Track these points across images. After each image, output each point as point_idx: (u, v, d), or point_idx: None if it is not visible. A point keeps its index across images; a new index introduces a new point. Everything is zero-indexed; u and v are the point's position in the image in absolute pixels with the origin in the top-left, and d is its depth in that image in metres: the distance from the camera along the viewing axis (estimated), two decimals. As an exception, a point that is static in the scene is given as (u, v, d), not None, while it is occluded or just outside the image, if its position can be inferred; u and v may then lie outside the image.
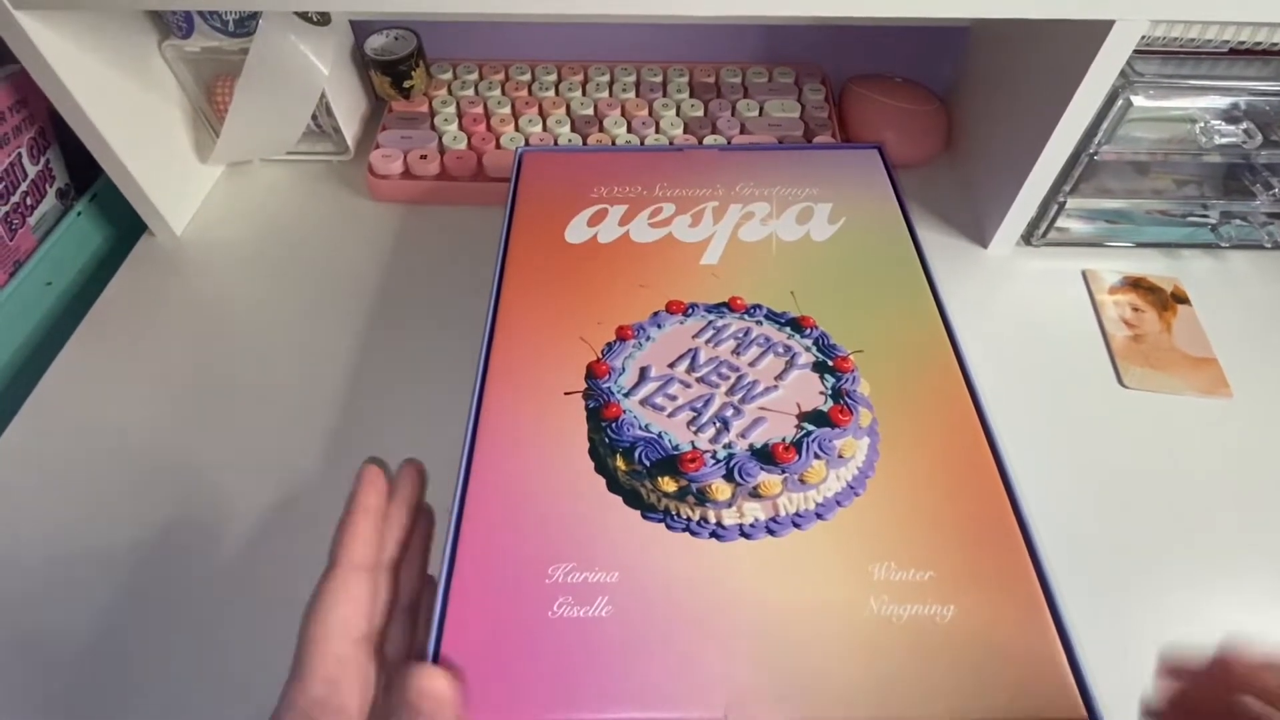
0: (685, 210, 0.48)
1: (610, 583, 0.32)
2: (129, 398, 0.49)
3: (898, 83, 0.66)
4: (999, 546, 0.33)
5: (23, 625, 0.40)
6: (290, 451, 0.46)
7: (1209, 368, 0.50)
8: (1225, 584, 0.42)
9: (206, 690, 0.38)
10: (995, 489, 0.35)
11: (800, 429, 0.37)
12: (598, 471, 0.36)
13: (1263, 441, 0.47)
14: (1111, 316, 0.53)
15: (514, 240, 0.47)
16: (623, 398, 0.38)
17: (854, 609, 0.32)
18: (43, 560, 0.42)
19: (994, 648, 0.30)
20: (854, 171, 0.51)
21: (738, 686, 0.30)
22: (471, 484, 0.36)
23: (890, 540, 0.34)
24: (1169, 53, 0.49)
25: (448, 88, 0.67)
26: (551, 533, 0.34)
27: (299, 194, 0.63)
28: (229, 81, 0.58)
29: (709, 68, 0.69)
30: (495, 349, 0.41)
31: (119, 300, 0.55)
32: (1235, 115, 0.50)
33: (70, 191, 0.59)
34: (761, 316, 0.42)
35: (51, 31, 0.45)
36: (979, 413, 0.38)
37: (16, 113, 0.52)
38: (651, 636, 0.31)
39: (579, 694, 0.30)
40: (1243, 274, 0.57)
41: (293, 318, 0.54)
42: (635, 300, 0.43)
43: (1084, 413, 0.49)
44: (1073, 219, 0.57)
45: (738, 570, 0.33)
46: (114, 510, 0.44)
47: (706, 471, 0.35)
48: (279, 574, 0.41)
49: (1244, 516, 0.44)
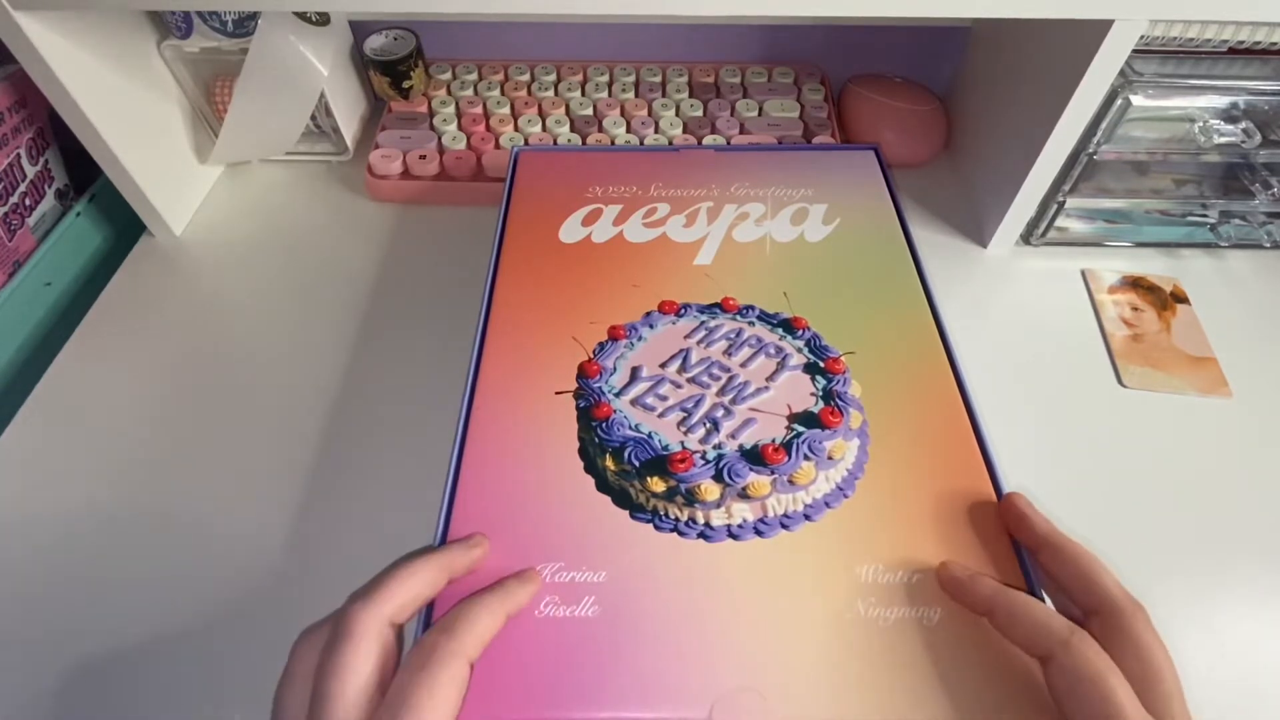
0: (680, 210, 0.48)
1: (597, 582, 0.32)
2: (128, 398, 0.49)
3: (897, 83, 0.66)
4: (988, 548, 0.33)
5: (22, 625, 0.40)
6: (289, 450, 0.46)
7: (1208, 367, 0.50)
8: (1224, 584, 0.41)
9: (206, 690, 0.38)
10: (985, 491, 0.35)
11: (790, 430, 0.37)
12: (587, 471, 0.36)
13: (1262, 441, 0.47)
14: (1111, 316, 0.53)
15: (508, 239, 0.47)
16: (613, 397, 0.38)
17: (841, 611, 0.32)
18: (42, 560, 0.42)
19: (981, 650, 0.30)
20: (850, 172, 0.51)
21: (723, 687, 0.30)
22: (461, 482, 0.36)
23: (878, 542, 0.33)
24: (1168, 52, 0.48)
25: (447, 88, 0.67)
26: (540, 532, 0.34)
27: (298, 194, 0.63)
28: (228, 82, 0.58)
29: (708, 68, 0.69)
30: (487, 347, 0.41)
31: (118, 300, 0.55)
32: (1234, 115, 0.49)
33: (69, 192, 0.59)
34: (754, 317, 0.42)
35: (50, 31, 0.45)
36: (970, 415, 0.38)
37: (15, 113, 0.53)
38: (638, 636, 0.31)
39: (565, 693, 0.30)
40: (1242, 273, 0.56)
41: (292, 317, 0.54)
42: (628, 300, 0.43)
43: (1083, 412, 0.48)
44: (1072, 218, 0.57)
45: (725, 571, 0.33)
46: (114, 510, 0.44)
47: (696, 472, 0.35)
48: (279, 573, 0.41)
49: (1243, 516, 0.44)
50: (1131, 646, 0.27)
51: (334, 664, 0.26)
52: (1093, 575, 0.29)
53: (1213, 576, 0.42)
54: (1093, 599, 0.29)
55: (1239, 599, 0.41)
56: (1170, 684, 0.26)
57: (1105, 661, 0.26)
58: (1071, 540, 0.31)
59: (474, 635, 0.28)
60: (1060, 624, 0.27)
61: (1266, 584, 0.41)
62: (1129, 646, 0.27)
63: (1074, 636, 0.27)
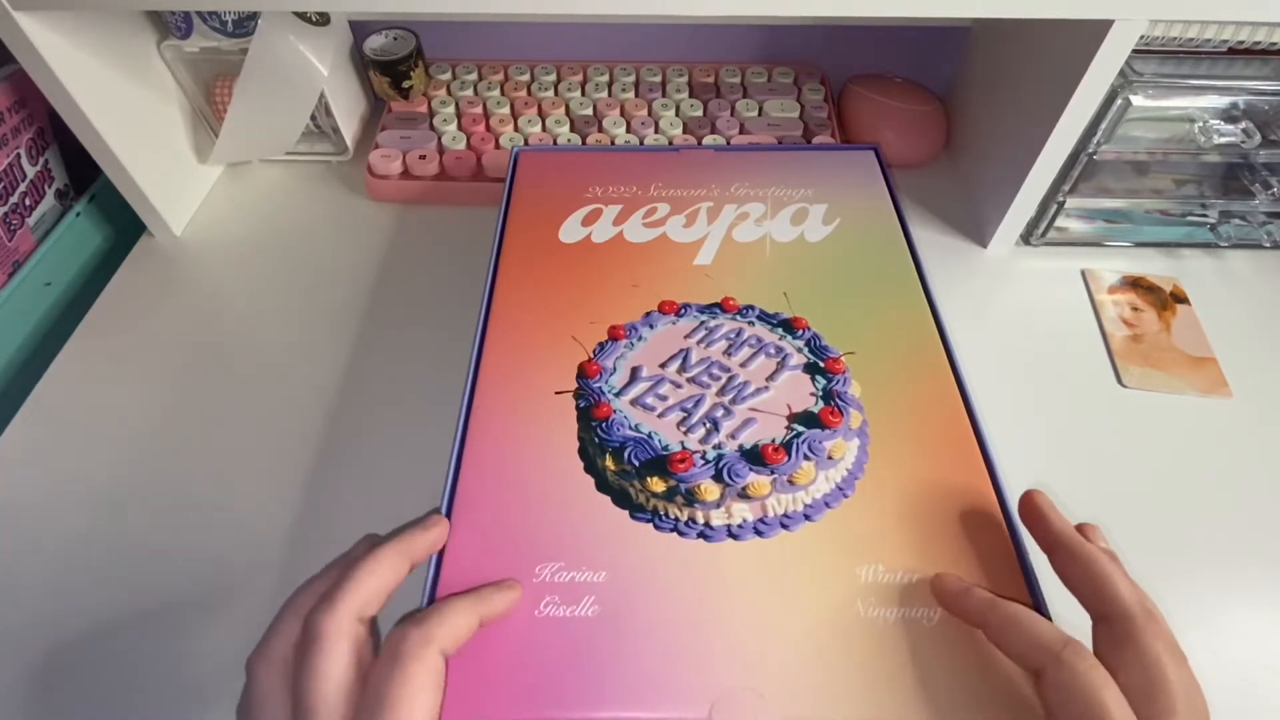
0: (680, 210, 0.48)
1: (597, 582, 0.32)
2: (128, 398, 0.49)
3: (897, 83, 0.66)
4: (988, 548, 0.33)
5: (21, 625, 0.40)
6: (289, 449, 0.46)
7: (1208, 367, 0.50)
8: (1224, 584, 0.41)
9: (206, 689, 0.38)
10: (985, 491, 0.35)
11: (790, 430, 0.37)
12: (587, 471, 0.36)
13: (1262, 441, 0.47)
14: (1111, 316, 0.53)
15: (508, 239, 0.47)
16: (613, 397, 0.38)
17: (841, 611, 0.32)
18: (42, 560, 0.42)
19: (981, 650, 0.30)
20: (850, 172, 0.51)
21: (723, 687, 0.30)
22: (461, 482, 0.36)
23: (878, 542, 0.33)
24: (1168, 52, 0.48)
25: (447, 88, 0.67)
26: (539, 531, 0.34)
27: (298, 194, 0.63)
28: (228, 82, 0.58)
29: (708, 68, 0.69)
30: (487, 347, 0.41)
31: (118, 301, 0.55)
32: (1234, 115, 0.49)
33: (69, 192, 0.59)
34: (754, 317, 0.42)
35: (50, 32, 0.45)
36: (970, 414, 0.38)
37: (15, 113, 0.53)
38: (638, 637, 0.31)
39: (565, 693, 0.30)
40: (1242, 273, 0.56)
41: (291, 317, 0.54)
42: (628, 300, 0.43)
43: (1083, 412, 0.48)
44: (1072, 218, 0.57)
45: (725, 571, 0.33)
46: (113, 510, 0.44)
47: (695, 472, 0.35)
48: (279, 573, 0.41)
49: (1243, 516, 0.44)
50: (1137, 656, 0.26)
51: (309, 671, 0.26)
52: (1104, 580, 0.28)
53: (1213, 576, 0.42)
54: (1103, 605, 0.28)
55: (1239, 599, 0.41)
56: (1175, 698, 0.25)
57: (1099, 676, 0.25)
58: (1087, 543, 0.30)
59: (445, 628, 0.28)
60: (1052, 637, 0.27)
61: (1266, 584, 0.42)
62: (1134, 656, 0.26)
63: (1066, 650, 0.26)
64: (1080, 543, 0.30)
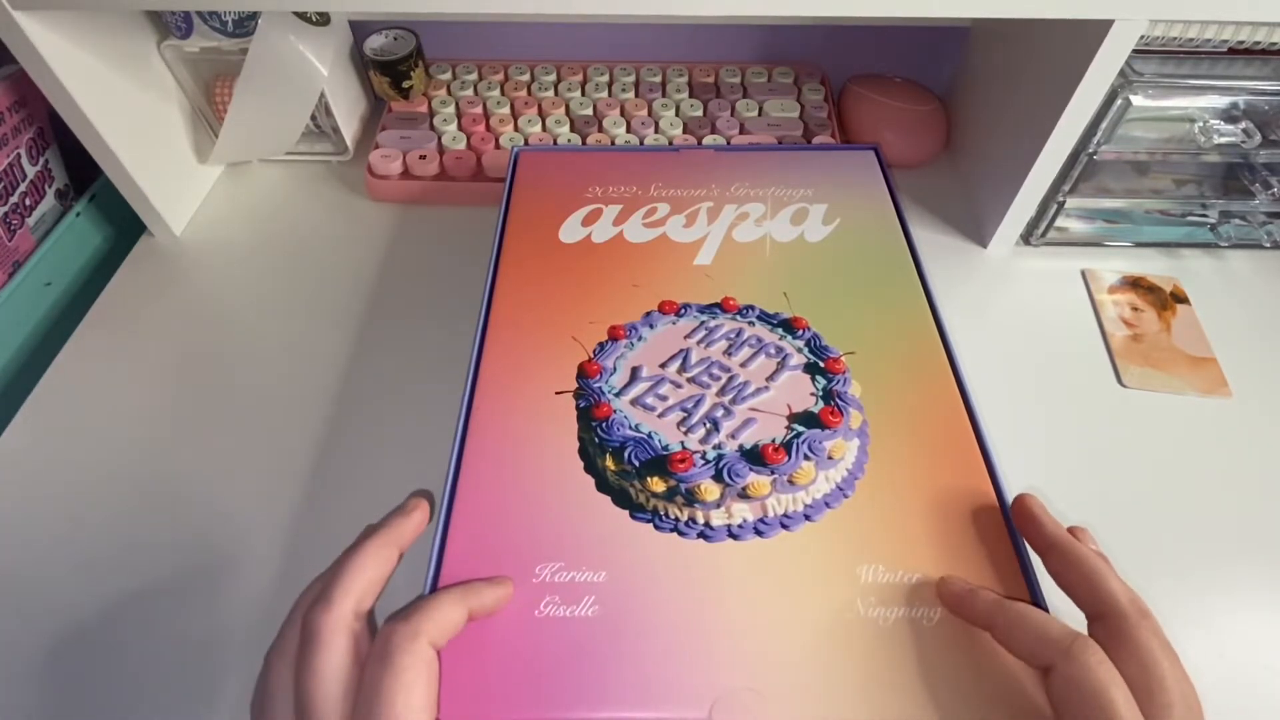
0: (680, 210, 0.48)
1: (597, 582, 0.32)
2: (128, 398, 0.49)
3: (897, 83, 0.66)
4: (988, 547, 0.33)
5: (21, 624, 0.40)
6: (288, 449, 0.46)
7: (1208, 367, 0.50)
8: (1224, 584, 0.41)
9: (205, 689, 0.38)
10: (985, 491, 0.35)
11: (790, 430, 0.37)
12: (587, 471, 0.36)
13: (1262, 441, 0.47)
14: (1111, 316, 0.53)
15: (508, 239, 0.47)
16: (613, 397, 0.38)
17: (841, 611, 0.32)
18: (41, 560, 0.42)
19: (981, 650, 0.30)
20: (850, 172, 0.51)
21: (723, 687, 0.30)
22: (461, 481, 0.36)
23: (878, 542, 0.33)
24: (1168, 52, 0.48)
25: (447, 88, 0.67)
26: (539, 532, 0.34)
27: (298, 194, 0.63)
28: (228, 82, 0.58)
29: (708, 68, 0.69)
30: (487, 347, 0.41)
31: (118, 301, 0.55)
32: (1234, 115, 0.49)
33: (69, 192, 0.59)
34: (754, 317, 0.42)
35: (50, 31, 0.45)
36: (970, 414, 0.38)
37: (15, 113, 0.53)
38: (638, 637, 0.31)
39: (565, 693, 0.30)
40: (1242, 273, 0.56)
41: (291, 318, 0.54)
42: (628, 300, 0.43)
43: (1083, 412, 0.48)
44: (1072, 218, 0.57)
45: (725, 571, 0.33)
46: (113, 510, 0.44)
47: (695, 472, 0.35)
48: (278, 573, 0.41)
49: (1244, 516, 0.44)
50: (1134, 654, 0.26)
51: (307, 669, 0.26)
52: (1098, 579, 0.29)
53: (1212, 576, 0.42)
54: (1097, 604, 0.28)
55: (1239, 599, 0.41)
56: (1172, 694, 0.25)
57: (1107, 672, 0.25)
58: (1079, 544, 0.30)
59: (432, 620, 0.28)
60: (1061, 632, 0.27)
61: (1266, 584, 0.41)
62: (1131, 654, 0.26)
63: (1075, 645, 0.26)
64: (1073, 543, 0.31)
